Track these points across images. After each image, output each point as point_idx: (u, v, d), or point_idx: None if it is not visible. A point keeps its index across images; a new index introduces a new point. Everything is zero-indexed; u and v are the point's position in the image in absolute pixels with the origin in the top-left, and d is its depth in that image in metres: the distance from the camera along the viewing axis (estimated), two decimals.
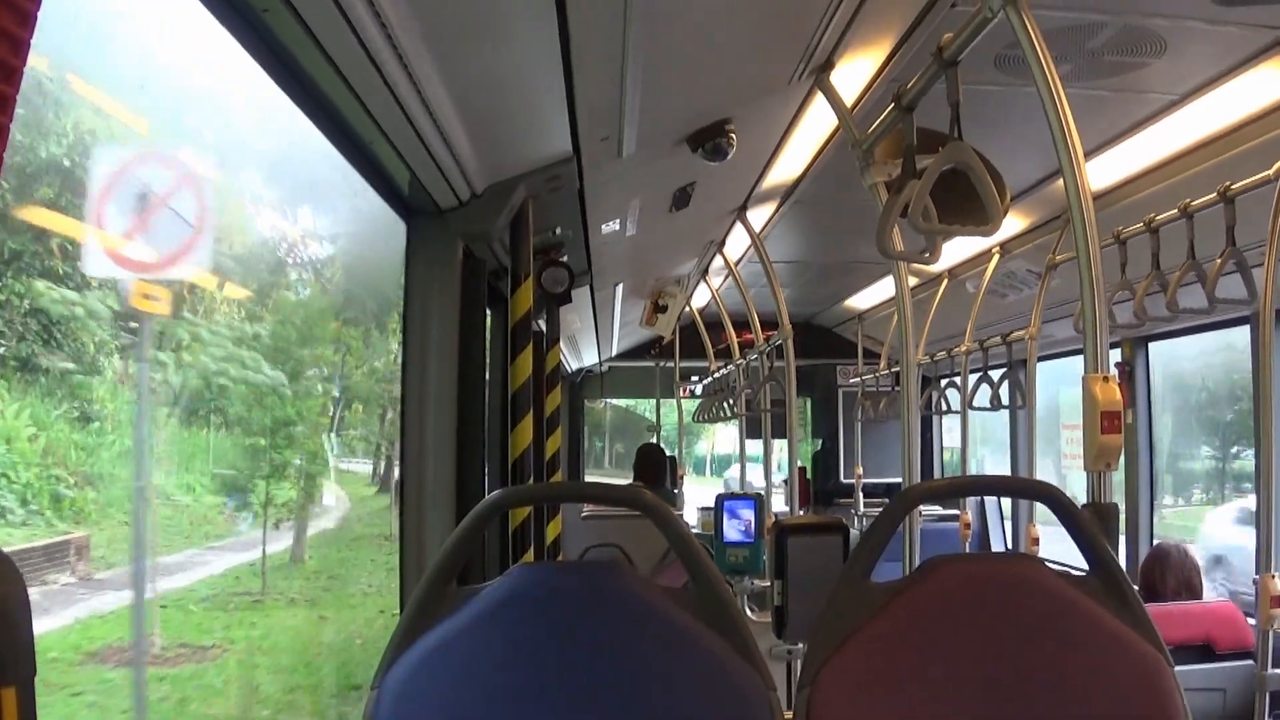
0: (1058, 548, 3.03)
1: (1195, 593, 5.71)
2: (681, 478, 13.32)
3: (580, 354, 13.12)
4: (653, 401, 15.03)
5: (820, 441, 14.17)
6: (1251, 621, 4.76)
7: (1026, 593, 2.38)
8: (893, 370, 10.87)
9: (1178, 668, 2.39)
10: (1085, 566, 2.48)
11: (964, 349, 8.31)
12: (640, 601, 2.36)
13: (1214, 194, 4.66)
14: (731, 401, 11.00)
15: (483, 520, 2.43)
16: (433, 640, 2.33)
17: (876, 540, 2.49)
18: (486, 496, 2.51)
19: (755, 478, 11.18)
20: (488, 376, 5.25)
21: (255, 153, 6.44)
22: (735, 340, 10.36)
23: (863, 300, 10.94)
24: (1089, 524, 2.45)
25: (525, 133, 4.10)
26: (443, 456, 4.38)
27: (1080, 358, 3.12)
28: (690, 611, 2.37)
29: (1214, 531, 10.92)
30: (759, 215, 7.15)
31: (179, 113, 5.53)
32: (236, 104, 5.68)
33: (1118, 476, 3.19)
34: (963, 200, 3.32)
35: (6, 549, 1.33)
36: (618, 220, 6.05)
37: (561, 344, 7.93)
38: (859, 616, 2.41)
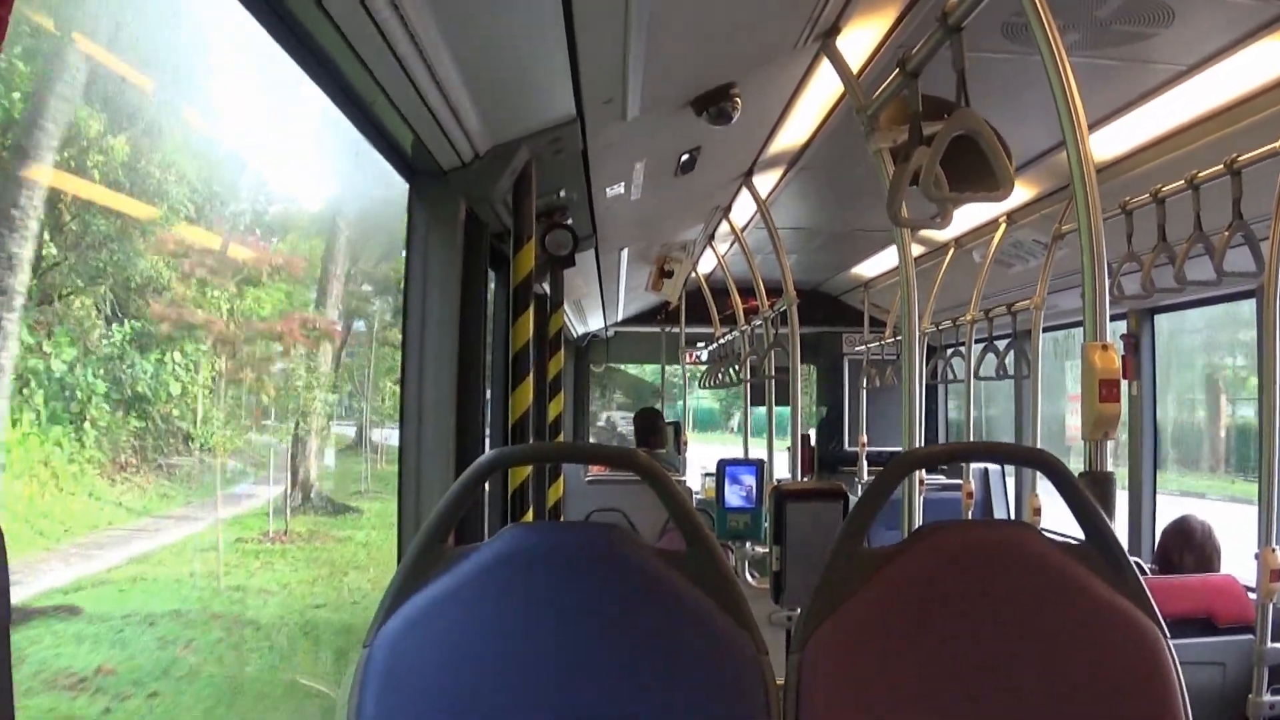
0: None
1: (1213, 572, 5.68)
2: (685, 442, 13.33)
3: (586, 318, 13.10)
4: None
5: (825, 409, 14.16)
6: (1252, 595, 4.76)
7: (1020, 560, 2.37)
8: (898, 339, 10.84)
9: (1177, 641, 2.38)
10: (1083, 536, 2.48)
11: (969, 318, 8.29)
12: (634, 564, 2.36)
13: (1221, 166, 4.65)
14: (737, 368, 11.00)
15: (478, 479, 2.44)
16: (425, 598, 2.33)
17: (871, 507, 2.49)
18: (483, 455, 2.51)
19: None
20: (490, 339, 5.25)
21: None
22: (740, 307, 10.34)
23: (869, 268, 10.93)
24: (1085, 493, 2.44)
25: (528, 94, 4.08)
26: (442, 416, 4.39)
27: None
28: (685, 575, 2.37)
29: None
30: (765, 181, 7.13)
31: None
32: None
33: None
34: (970, 167, 3.30)
35: None
36: (622, 184, 6.03)
37: (566, 308, 7.92)
38: (852, 583, 2.41)
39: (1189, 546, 5.74)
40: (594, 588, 2.33)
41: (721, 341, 12.39)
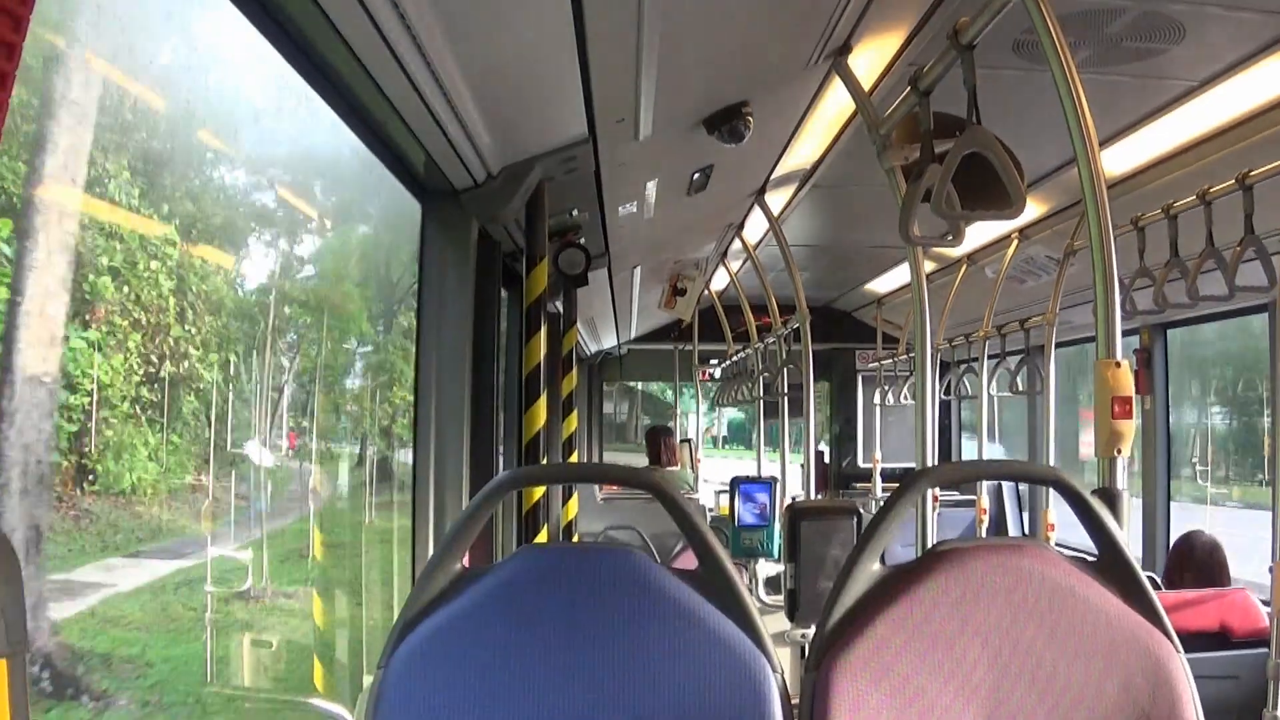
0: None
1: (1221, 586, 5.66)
2: (698, 461, 13.33)
3: (599, 336, 13.10)
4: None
5: (838, 426, 14.16)
6: (1267, 609, 4.75)
7: (1033, 577, 2.37)
8: (911, 355, 10.84)
9: (1192, 655, 2.38)
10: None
11: (982, 334, 8.29)
12: (647, 583, 2.36)
13: (1232, 181, 4.65)
14: (750, 385, 11.00)
15: (490, 500, 2.44)
16: (439, 620, 2.34)
17: (885, 525, 2.49)
18: (496, 476, 2.52)
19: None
20: (504, 358, 5.24)
21: None
22: (753, 324, 10.34)
23: (882, 285, 10.93)
24: (1098, 510, 2.44)
25: (540, 114, 4.10)
26: (456, 436, 4.40)
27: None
28: (698, 594, 2.37)
29: None
30: (777, 199, 7.14)
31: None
32: None
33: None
34: (982, 185, 3.31)
35: None
36: (635, 203, 6.04)
37: (579, 326, 7.92)
38: (866, 601, 2.41)
39: (1189, 564, 5.72)
40: (607, 609, 2.34)
41: (735, 359, 12.39)
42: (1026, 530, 10.60)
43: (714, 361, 14.41)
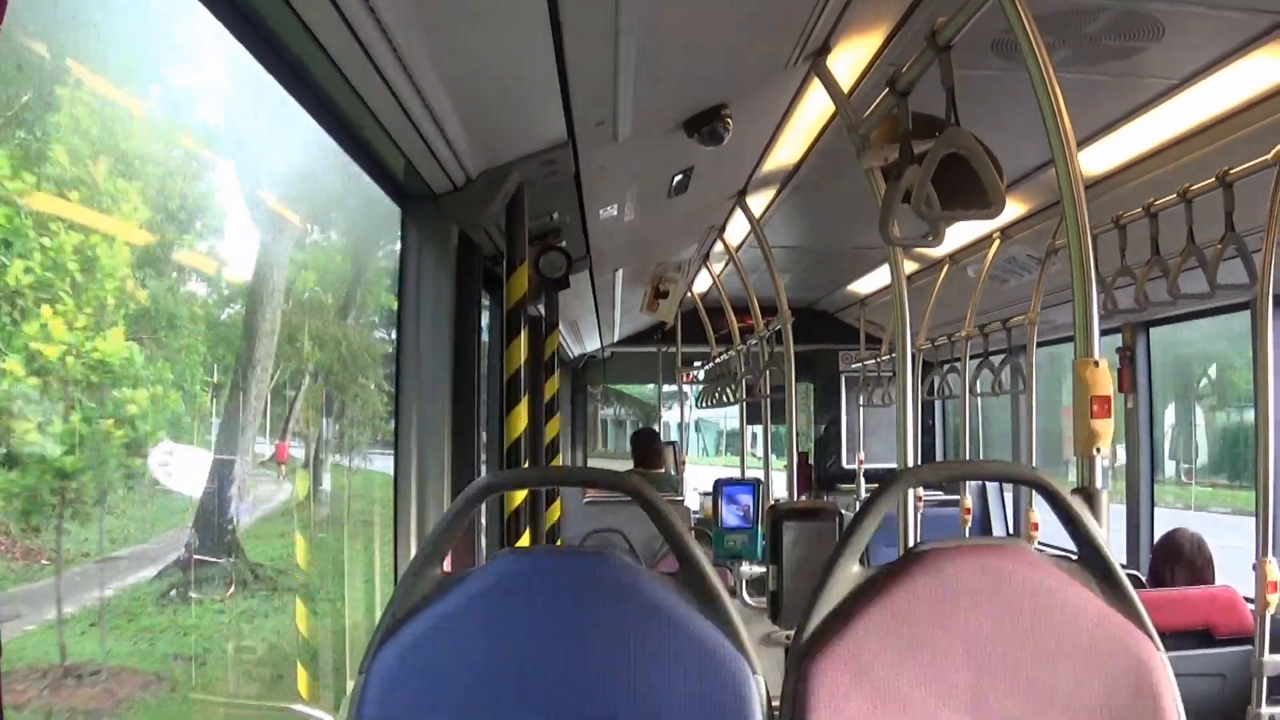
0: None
1: (1207, 584, 5.68)
2: (683, 463, 13.31)
3: (582, 340, 13.08)
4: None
5: (822, 427, 14.15)
6: (1250, 607, 4.76)
7: (1013, 578, 2.37)
8: (894, 356, 10.82)
9: (1177, 653, 2.39)
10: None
11: (965, 334, 8.29)
12: (626, 587, 2.36)
13: (1213, 179, 4.65)
14: (733, 387, 10.98)
15: (469, 505, 2.44)
16: (420, 625, 2.34)
17: (864, 526, 2.49)
18: (474, 480, 2.52)
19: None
20: (486, 362, 5.23)
21: None
22: (735, 326, 10.33)
23: (864, 285, 10.91)
24: (1077, 510, 2.45)
25: (519, 117, 4.09)
26: (437, 441, 4.39)
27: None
28: (678, 597, 2.38)
29: None
30: (758, 200, 7.13)
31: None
32: None
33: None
34: (961, 185, 3.31)
35: None
36: (615, 205, 6.03)
37: (562, 329, 7.90)
38: (846, 602, 2.41)
39: (1178, 561, 5.74)
40: (587, 612, 2.34)
41: (718, 361, 12.37)
42: (1010, 530, 10.61)
43: (697, 364, 14.39)
